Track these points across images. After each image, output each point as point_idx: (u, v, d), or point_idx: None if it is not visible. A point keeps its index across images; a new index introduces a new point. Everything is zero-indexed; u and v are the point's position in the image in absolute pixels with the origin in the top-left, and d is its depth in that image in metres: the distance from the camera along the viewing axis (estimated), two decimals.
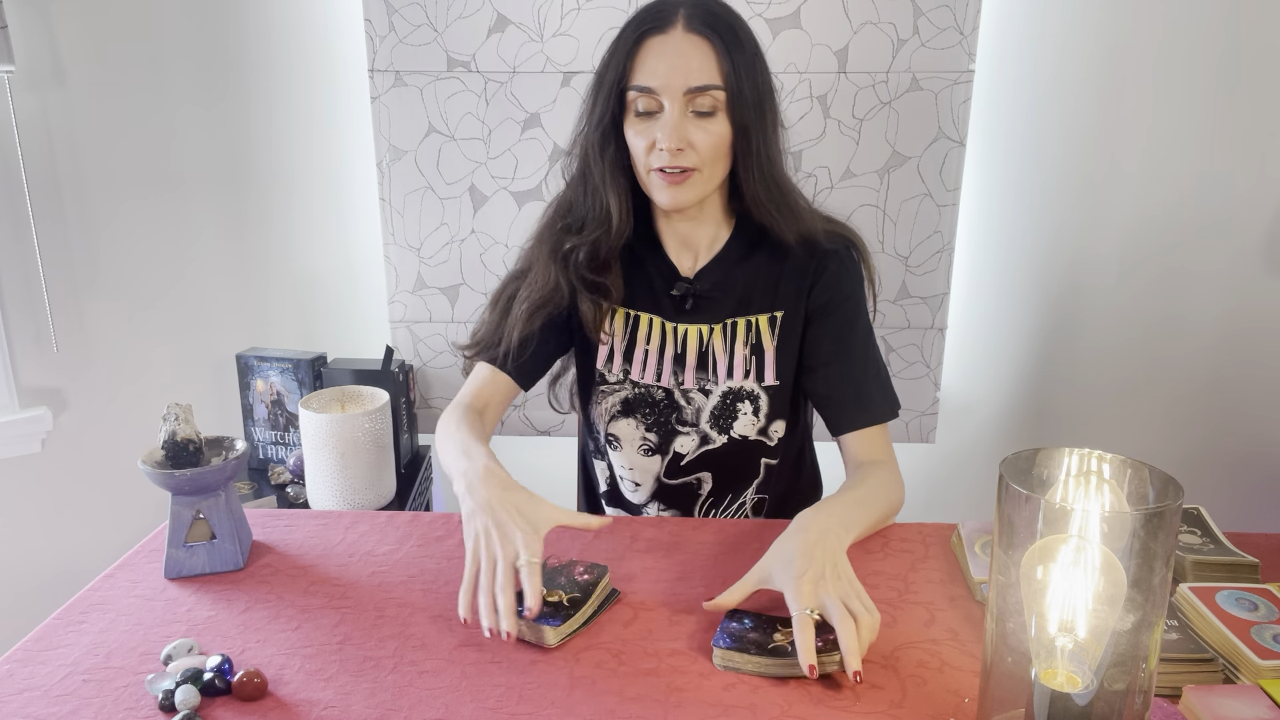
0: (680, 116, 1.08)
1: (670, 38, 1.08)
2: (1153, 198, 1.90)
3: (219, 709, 0.79)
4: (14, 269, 1.82)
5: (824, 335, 1.20)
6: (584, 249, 1.19)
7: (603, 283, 1.21)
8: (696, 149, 1.09)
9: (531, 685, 0.82)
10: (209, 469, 0.98)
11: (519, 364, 1.22)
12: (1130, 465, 0.69)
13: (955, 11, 1.73)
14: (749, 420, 1.22)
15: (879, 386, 1.21)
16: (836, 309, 1.20)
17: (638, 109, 1.11)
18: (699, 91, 1.07)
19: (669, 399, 1.24)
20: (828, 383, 1.20)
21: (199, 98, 1.88)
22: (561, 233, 1.21)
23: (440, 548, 1.08)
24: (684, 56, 1.07)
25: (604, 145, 1.15)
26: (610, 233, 1.18)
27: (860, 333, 1.21)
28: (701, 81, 1.07)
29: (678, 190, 1.11)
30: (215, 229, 1.95)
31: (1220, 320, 1.94)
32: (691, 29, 1.08)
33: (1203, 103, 1.84)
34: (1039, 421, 2.05)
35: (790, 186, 1.17)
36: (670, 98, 1.08)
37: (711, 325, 1.22)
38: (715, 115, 1.09)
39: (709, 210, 1.20)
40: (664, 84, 1.08)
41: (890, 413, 1.20)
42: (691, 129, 1.09)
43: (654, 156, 1.11)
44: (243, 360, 1.90)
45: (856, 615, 0.85)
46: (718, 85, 1.07)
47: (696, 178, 1.11)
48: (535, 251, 1.24)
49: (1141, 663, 0.66)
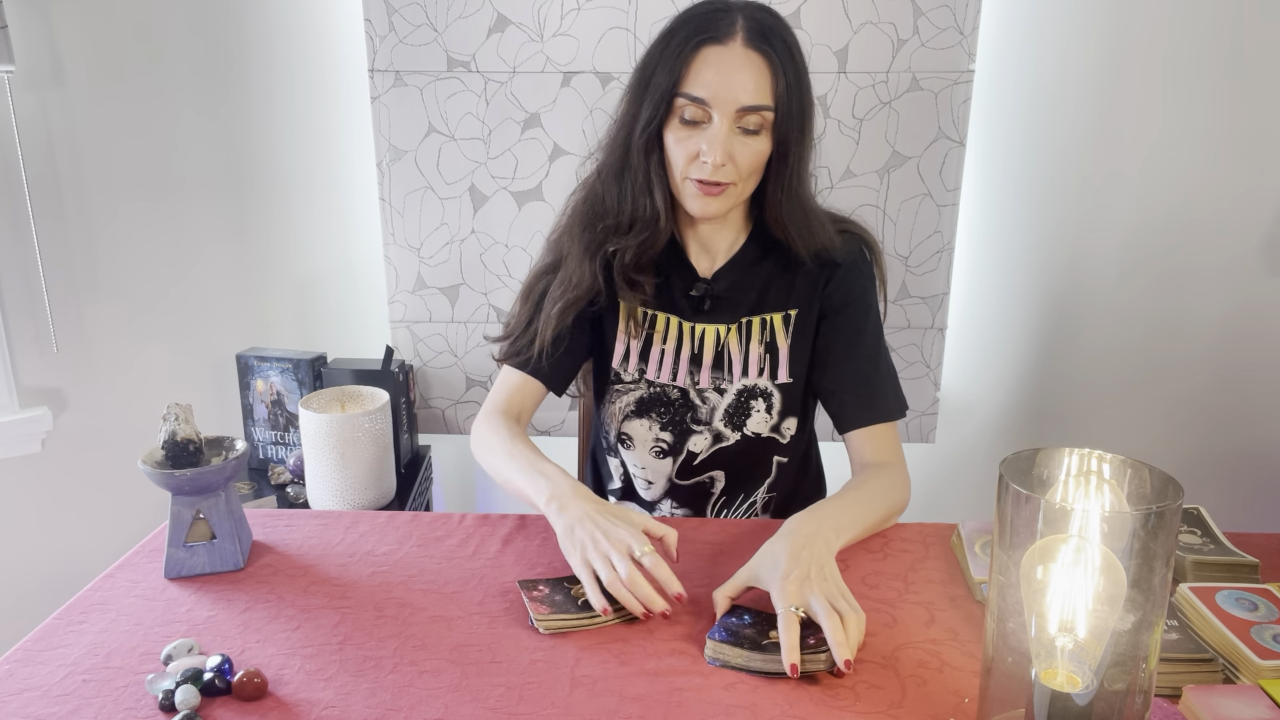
0: (728, 133, 1.07)
1: (729, 50, 1.06)
2: (1153, 198, 1.90)
3: (219, 709, 0.79)
4: (14, 269, 1.82)
5: (835, 333, 1.21)
6: (630, 252, 1.17)
7: (640, 281, 1.20)
8: (737, 165, 1.09)
9: (531, 685, 0.82)
10: (209, 469, 0.98)
11: (552, 364, 1.22)
12: (1130, 465, 0.69)
13: (955, 11, 1.73)
14: (762, 417, 1.22)
15: (887, 386, 1.21)
16: (848, 307, 1.20)
17: (684, 116, 1.09)
18: (751, 110, 1.06)
19: (684, 399, 1.24)
20: (837, 379, 1.20)
21: (199, 98, 1.88)
22: (601, 232, 1.19)
23: (440, 548, 1.08)
24: (742, 73, 1.05)
25: (649, 149, 1.13)
26: (657, 236, 1.17)
27: (870, 332, 1.21)
28: (756, 101, 1.06)
29: (711, 201, 1.11)
30: (215, 229, 1.95)
31: (1220, 320, 1.94)
32: (751, 44, 1.06)
33: (1203, 103, 1.84)
34: (1039, 421, 2.05)
35: (812, 206, 1.17)
36: (721, 112, 1.06)
37: (728, 325, 1.22)
38: (760, 134, 1.08)
39: (732, 216, 1.21)
40: (718, 98, 1.06)
41: (898, 412, 1.20)
42: (736, 145, 1.08)
43: (694, 167, 1.10)
44: (243, 360, 1.90)
45: (842, 614, 0.85)
46: (769, 106, 1.07)
47: (731, 191, 1.11)
48: (567, 246, 1.22)
49: (1141, 663, 0.66)
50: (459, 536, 1.10)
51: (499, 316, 1.93)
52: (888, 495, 1.12)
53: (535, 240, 1.87)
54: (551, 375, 1.23)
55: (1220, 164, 1.86)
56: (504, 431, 1.15)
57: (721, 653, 0.86)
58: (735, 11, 1.08)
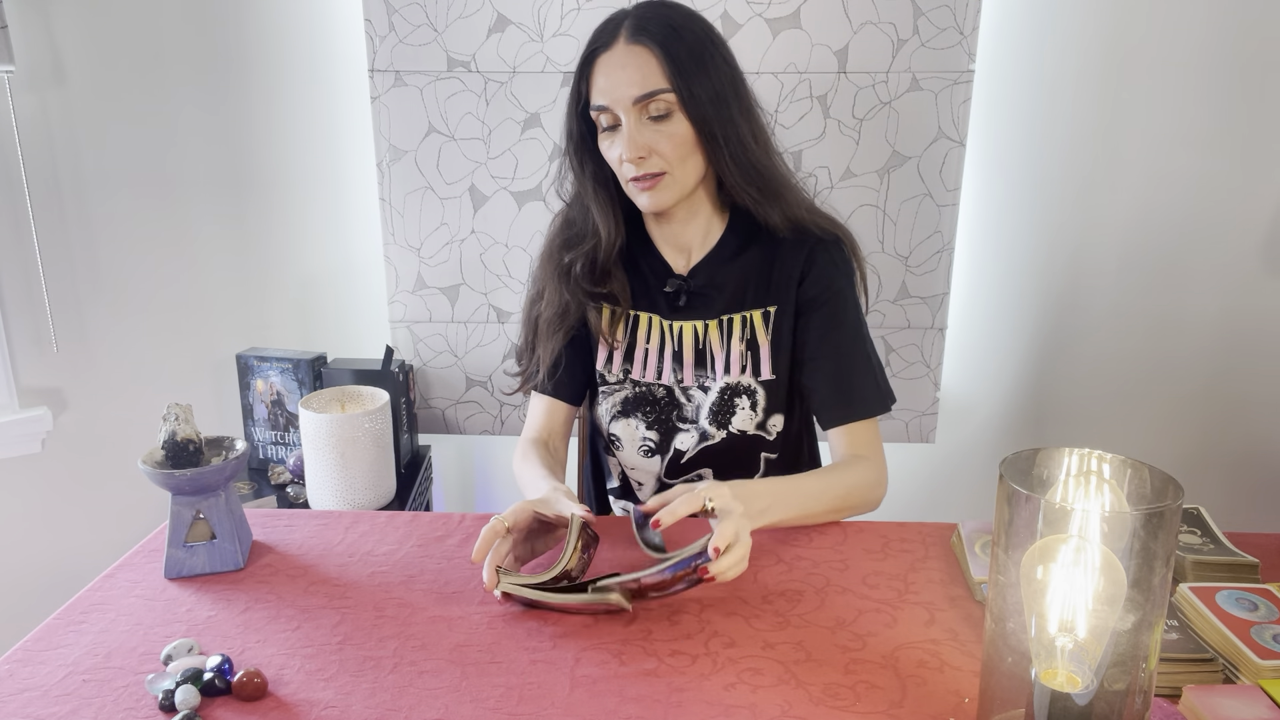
0: (637, 126, 1.10)
1: (614, 53, 1.11)
2: (1153, 198, 1.90)
3: (219, 709, 0.79)
4: (14, 269, 1.82)
5: (810, 330, 1.21)
6: (580, 261, 1.22)
7: (607, 291, 1.24)
8: (660, 153, 1.11)
9: (531, 685, 0.82)
10: (209, 469, 0.98)
11: (558, 383, 1.28)
12: (1130, 465, 0.69)
13: (955, 11, 1.73)
14: (747, 415, 1.23)
15: (865, 381, 1.21)
16: (824, 304, 1.21)
17: (602, 125, 1.14)
18: (647, 99, 1.09)
19: (669, 396, 1.25)
20: (813, 377, 1.22)
21: (199, 98, 1.88)
22: (561, 249, 1.25)
23: (440, 548, 1.08)
24: (626, 69, 1.10)
25: (582, 163, 1.19)
26: (601, 243, 1.21)
27: (848, 327, 1.21)
28: (646, 89, 1.09)
29: (654, 194, 1.14)
30: (215, 229, 1.95)
31: (1220, 320, 1.93)
32: (631, 40, 1.10)
33: (1202, 102, 1.84)
34: (1039, 421, 2.05)
35: (773, 172, 1.18)
36: (623, 110, 1.10)
37: (706, 321, 1.23)
38: (671, 117, 1.10)
39: (697, 208, 1.22)
40: (614, 99, 1.10)
41: (878, 407, 1.20)
42: (651, 135, 1.11)
43: (624, 168, 1.14)
44: (243, 360, 1.90)
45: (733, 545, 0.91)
46: (663, 89, 1.09)
47: (668, 180, 1.13)
48: (543, 271, 1.28)
49: (1141, 663, 0.66)
50: (459, 536, 1.10)
51: (499, 316, 1.93)
52: (845, 481, 1.13)
53: (535, 240, 1.87)
54: (563, 391, 1.29)
55: (1220, 164, 1.86)
56: (517, 456, 1.25)
57: (511, 582, 0.92)
58: (623, 16, 1.12)
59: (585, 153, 1.19)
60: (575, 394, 1.31)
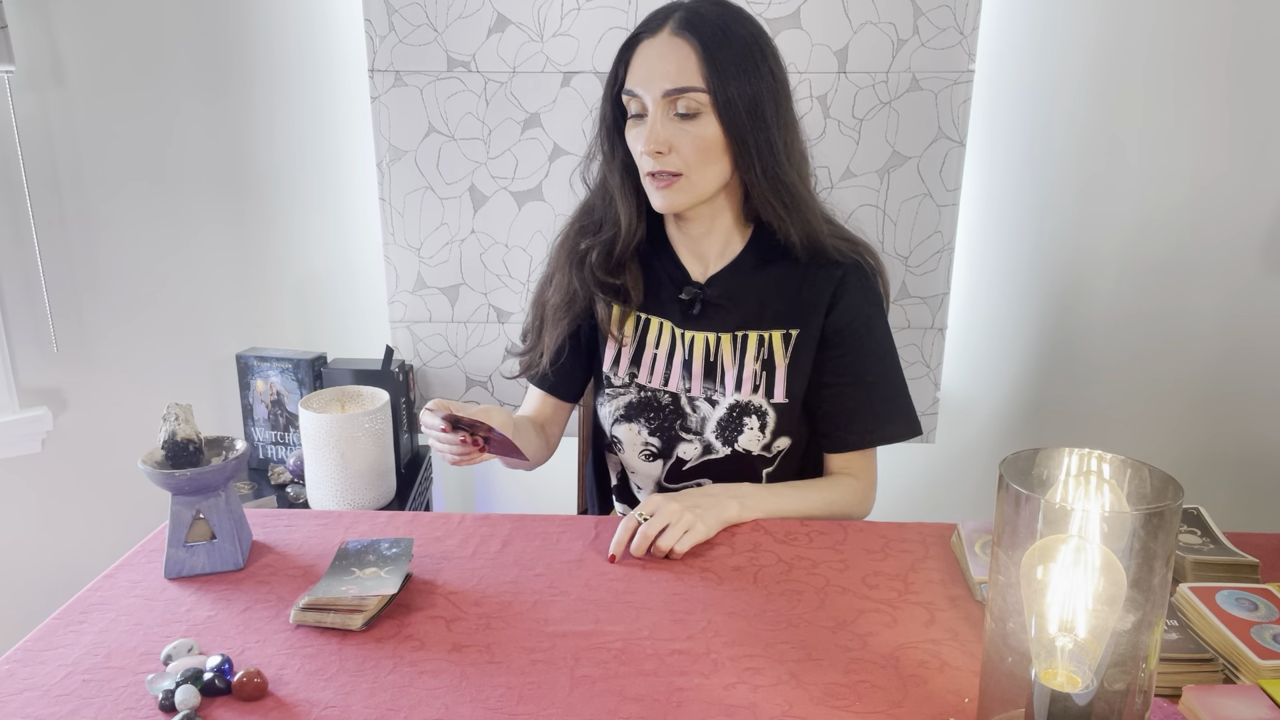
0: (661, 119, 1.08)
1: (656, 41, 1.08)
2: (1153, 198, 1.90)
3: (219, 709, 0.79)
4: (14, 269, 1.82)
5: (838, 359, 1.20)
6: (596, 250, 1.20)
7: (619, 285, 1.21)
8: (680, 152, 1.08)
9: (531, 685, 0.82)
10: (209, 469, 0.98)
11: (559, 375, 1.28)
12: (1130, 465, 0.69)
13: (955, 11, 1.73)
14: (754, 435, 1.21)
15: (885, 410, 1.21)
16: (852, 335, 1.19)
17: (631, 111, 1.11)
18: (677, 94, 1.07)
19: (675, 404, 1.23)
20: (832, 403, 1.21)
21: (199, 97, 1.88)
22: (578, 235, 1.23)
23: (440, 548, 1.08)
24: (664, 60, 1.07)
25: (611, 149, 1.16)
26: (621, 234, 1.19)
27: (875, 355, 1.20)
28: (678, 84, 1.06)
29: (667, 195, 1.11)
30: (215, 229, 1.95)
31: (1220, 320, 1.93)
32: (675, 32, 1.07)
33: (1203, 102, 1.83)
34: (1039, 421, 2.05)
35: (799, 190, 1.14)
36: (651, 99, 1.08)
37: (719, 334, 1.21)
38: (699, 118, 1.08)
39: (719, 218, 1.19)
40: (645, 87, 1.08)
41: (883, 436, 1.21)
42: (674, 131, 1.08)
43: (643, 160, 1.11)
44: (243, 360, 1.90)
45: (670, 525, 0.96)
46: (697, 88, 1.06)
47: (683, 183, 1.10)
48: (558, 255, 1.26)
49: (1141, 663, 0.66)
50: (459, 536, 1.10)
51: (499, 316, 1.93)
52: (824, 494, 1.16)
53: (535, 240, 1.87)
54: (561, 385, 1.29)
55: (1220, 164, 1.86)
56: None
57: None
58: (676, 7, 1.10)
59: (617, 137, 1.16)
60: (573, 392, 1.31)
